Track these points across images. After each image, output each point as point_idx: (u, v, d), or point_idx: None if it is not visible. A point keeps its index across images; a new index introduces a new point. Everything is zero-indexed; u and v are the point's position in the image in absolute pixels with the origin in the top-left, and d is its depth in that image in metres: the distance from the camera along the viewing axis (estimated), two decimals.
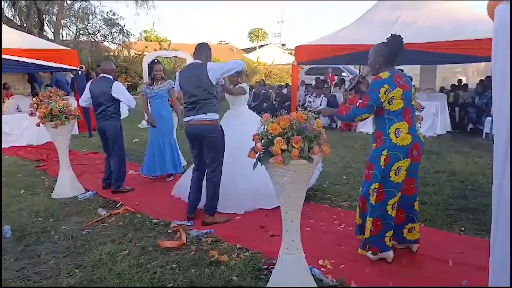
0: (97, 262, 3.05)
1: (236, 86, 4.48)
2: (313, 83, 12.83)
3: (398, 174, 2.77)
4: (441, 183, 4.93)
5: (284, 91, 12.91)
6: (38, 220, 4.02)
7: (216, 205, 3.86)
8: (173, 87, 4.93)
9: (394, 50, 2.85)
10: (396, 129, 2.74)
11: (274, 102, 12.39)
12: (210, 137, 3.71)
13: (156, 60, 5.46)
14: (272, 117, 2.33)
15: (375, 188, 2.80)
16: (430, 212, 3.89)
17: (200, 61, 3.76)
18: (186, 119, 3.79)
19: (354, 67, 16.48)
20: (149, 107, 5.33)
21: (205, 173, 3.90)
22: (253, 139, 2.34)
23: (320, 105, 11.12)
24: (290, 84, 12.24)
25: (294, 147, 2.16)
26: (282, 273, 2.46)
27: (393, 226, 2.88)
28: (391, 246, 2.92)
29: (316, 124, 2.27)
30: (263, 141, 2.30)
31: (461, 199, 4.35)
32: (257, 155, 2.32)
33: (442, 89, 10.58)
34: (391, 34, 2.88)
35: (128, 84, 18.17)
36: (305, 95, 11.75)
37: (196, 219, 3.91)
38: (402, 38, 2.86)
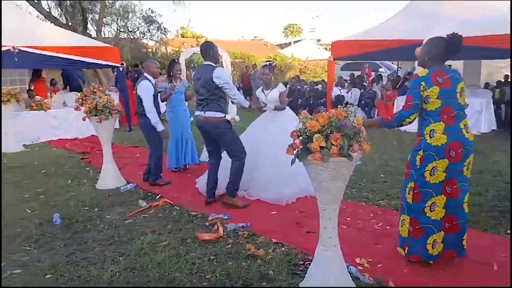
0: (139, 251, 3.19)
1: (273, 89, 4.58)
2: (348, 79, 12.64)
3: (434, 174, 2.70)
4: (486, 184, 4.72)
5: (319, 87, 12.79)
6: (84, 209, 4.25)
7: (237, 188, 4.19)
8: (189, 86, 5.69)
9: (450, 49, 2.76)
10: (431, 130, 2.69)
11: (308, 98, 12.32)
12: (215, 132, 4.07)
13: (176, 60, 5.91)
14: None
15: (411, 187, 2.79)
16: (474, 214, 3.74)
17: (209, 63, 4.07)
18: (196, 113, 4.20)
19: (392, 63, 16.04)
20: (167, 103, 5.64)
21: (220, 161, 4.30)
22: (291, 136, 2.36)
23: (351, 98, 10.95)
24: (325, 80, 12.11)
25: (333, 145, 2.16)
26: (319, 269, 2.47)
27: (435, 231, 2.76)
28: (435, 254, 2.79)
29: (355, 122, 2.26)
30: (301, 138, 2.31)
31: (507, 200, 4.15)
32: (295, 151, 2.34)
33: (487, 85, 10.11)
34: (453, 32, 2.77)
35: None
36: (339, 90, 11.58)
37: (231, 213, 3.98)
38: (462, 39, 2.77)
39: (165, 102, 5.60)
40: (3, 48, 7.44)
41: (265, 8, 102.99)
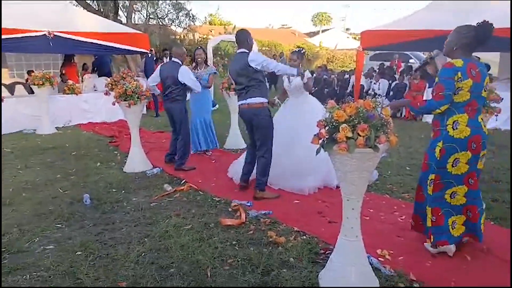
0: (164, 233, 3.29)
1: (303, 77, 4.52)
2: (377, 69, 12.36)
3: (456, 165, 2.69)
4: None
5: (346, 76, 12.57)
6: (112, 191, 4.40)
7: (266, 182, 4.18)
8: (215, 73, 5.91)
9: (480, 38, 2.65)
10: (454, 121, 2.64)
11: (336, 88, 12.14)
12: (257, 119, 4.04)
13: (199, 47, 6.11)
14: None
15: (431, 179, 2.77)
16: (501, 210, 3.65)
17: (244, 50, 4.06)
18: (238, 103, 4.19)
19: (423, 53, 15.55)
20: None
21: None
22: (317, 125, 2.36)
23: (379, 89, 10.72)
24: (354, 69, 11.90)
25: (359, 135, 2.14)
26: (339, 259, 2.48)
27: (454, 214, 2.80)
28: (458, 235, 2.83)
29: (383, 113, 2.23)
30: (327, 127, 2.30)
31: None
32: (320, 141, 2.33)
33: None
34: (484, 20, 2.64)
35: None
36: (366, 79, 11.35)
37: (255, 201, 4.03)
38: (493, 27, 2.64)
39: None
40: (38, 33, 7.70)
41: None
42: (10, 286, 2.61)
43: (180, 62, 5.11)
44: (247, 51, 4.06)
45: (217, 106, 10.02)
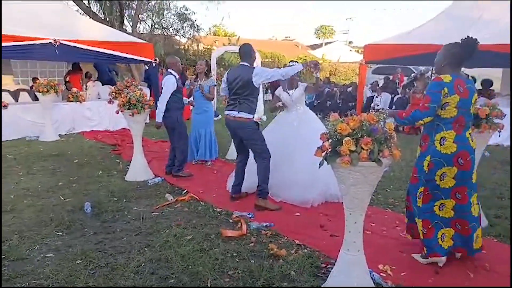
0: (164, 243, 3.27)
1: (297, 88, 4.57)
2: (381, 82, 12.39)
3: (443, 179, 2.77)
4: None
5: (349, 89, 12.61)
6: (113, 200, 4.39)
7: (268, 190, 4.18)
8: (215, 85, 6.06)
9: (465, 53, 2.76)
10: (442, 137, 2.73)
11: (338, 101, 12.18)
12: (242, 132, 4.14)
13: (204, 59, 6.29)
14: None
15: (421, 191, 2.85)
16: (504, 228, 3.62)
17: (247, 64, 4.12)
18: (226, 112, 4.26)
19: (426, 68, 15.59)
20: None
21: (248, 158, 4.36)
22: (320, 138, 2.36)
23: (380, 103, 10.75)
24: (355, 82, 11.94)
25: (363, 149, 2.15)
26: (341, 273, 2.46)
27: (443, 227, 2.87)
28: (447, 247, 2.88)
29: (387, 127, 2.24)
30: (330, 140, 2.31)
31: None
32: (323, 154, 2.33)
33: None
34: (467, 36, 2.78)
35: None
36: (371, 93, 11.38)
37: (256, 212, 4.01)
38: (478, 42, 2.74)
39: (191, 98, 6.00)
40: (44, 41, 7.78)
41: (298, 9, 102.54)
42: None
43: (172, 71, 5.14)
44: (250, 65, 4.12)
45: (219, 116, 10.06)
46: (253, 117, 4.15)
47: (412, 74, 12.35)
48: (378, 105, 10.76)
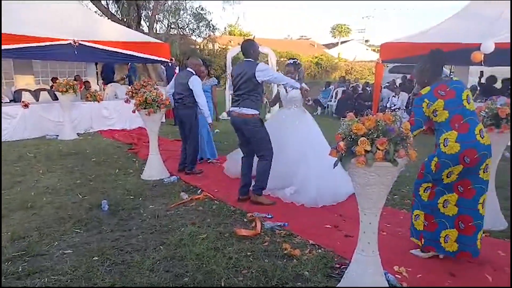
0: (179, 242, 3.31)
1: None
2: (398, 82, 12.24)
3: (450, 177, 2.83)
4: None
5: (367, 88, 12.48)
6: (130, 198, 4.46)
7: (263, 187, 4.25)
8: (216, 84, 6.09)
9: (436, 65, 2.98)
10: (445, 139, 2.80)
11: (353, 100, 12.06)
12: (246, 128, 4.12)
13: (204, 61, 6.16)
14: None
15: (427, 187, 2.93)
16: None
17: (251, 60, 4.12)
18: (230, 109, 4.28)
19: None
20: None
21: (253, 158, 4.34)
22: (335, 138, 2.34)
23: (398, 102, 10.62)
24: (369, 82, 11.81)
25: (378, 149, 2.12)
26: (355, 274, 2.44)
27: (447, 227, 2.88)
28: (449, 250, 2.90)
29: (403, 127, 2.20)
30: (345, 140, 2.29)
31: None
32: (338, 154, 2.31)
33: None
34: (431, 50, 3.03)
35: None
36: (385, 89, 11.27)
37: (273, 213, 4.01)
38: (443, 52, 3.06)
39: None
40: (64, 42, 7.95)
41: (314, 8, 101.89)
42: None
43: (194, 72, 5.25)
44: (254, 60, 4.13)
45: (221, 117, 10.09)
46: (258, 113, 4.12)
47: (404, 77, 12.13)
48: (395, 105, 10.63)
